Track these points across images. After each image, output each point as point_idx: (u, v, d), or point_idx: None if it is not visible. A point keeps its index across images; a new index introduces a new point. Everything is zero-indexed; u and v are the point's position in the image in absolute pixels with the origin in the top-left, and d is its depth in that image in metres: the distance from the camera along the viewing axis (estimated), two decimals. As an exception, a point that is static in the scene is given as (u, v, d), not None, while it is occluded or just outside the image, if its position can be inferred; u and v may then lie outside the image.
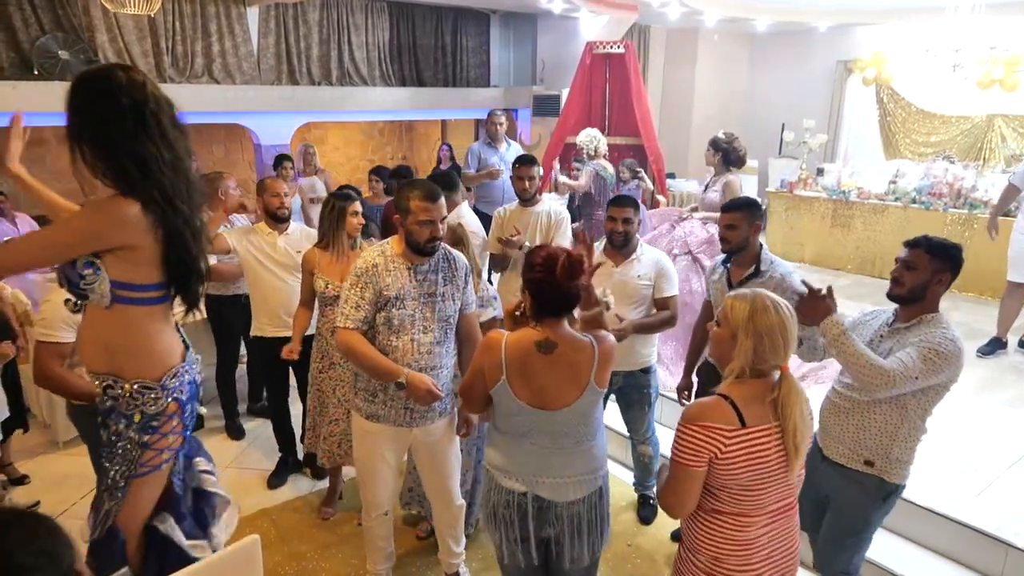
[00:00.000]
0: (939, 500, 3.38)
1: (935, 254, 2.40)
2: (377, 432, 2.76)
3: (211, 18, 8.16)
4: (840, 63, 9.93)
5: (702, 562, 1.99)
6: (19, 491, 3.92)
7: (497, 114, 6.59)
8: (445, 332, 2.72)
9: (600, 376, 2.17)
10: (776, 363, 1.91)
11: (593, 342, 2.17)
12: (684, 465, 1.90)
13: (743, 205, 3.15)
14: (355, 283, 2.61)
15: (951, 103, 8.97)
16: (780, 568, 2.03)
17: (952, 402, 2.24)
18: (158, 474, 2.02)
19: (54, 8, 7.22)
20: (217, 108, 7.92)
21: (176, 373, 1.99)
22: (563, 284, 2.09)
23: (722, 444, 1.85)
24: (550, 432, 2.18)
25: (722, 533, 1.96)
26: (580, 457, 2.22)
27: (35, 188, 2.14)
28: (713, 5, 7.97)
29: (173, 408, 1.99)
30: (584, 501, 2.22)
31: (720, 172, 5.09)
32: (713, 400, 1.92)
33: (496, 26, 10.77)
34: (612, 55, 7.71)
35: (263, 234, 3.81)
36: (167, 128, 1.87)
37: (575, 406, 2.15)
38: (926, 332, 2.36)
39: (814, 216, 8.34)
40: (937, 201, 7.43)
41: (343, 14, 9.22)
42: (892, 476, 2.46)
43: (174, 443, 2.03)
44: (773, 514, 1.97)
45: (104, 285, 1.86)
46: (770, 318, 1.88)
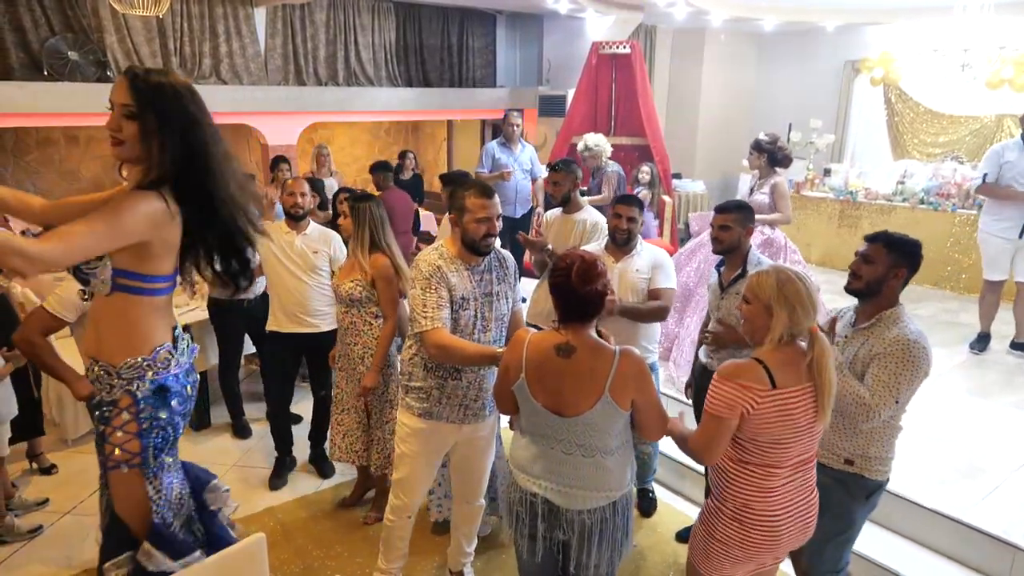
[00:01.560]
0: (946, 503, 3.37)
1: (893, 249, 2.46)
2: (430, 430, 2.75)
3: (219, 19, 8.20)
4: (847, 63, 9.88)
5: (730, 509, 2.17)
6: (28, 490, 3.95)
7: (513, 115, 6.59)
8: (500, 331, 2.78)
9: (617, 387, 2.10)
10: (807, 325, 2.06)
11: (616, 353, 2.13)
12: (717, 416, 2.06)
13: (736, 207, 3.20)
14: (427, 286, 2.58)
15: (960, 103, 8.92)
16: (801, 518, 2.21)
17: (958, 404, 2.24)
18: (120, 474, 1.93)
19: (63, 9, 7.26)
20: (224, 109, 7.95)
21: (134, 365, 1.91)
22: (578, 288, 2.09)
23: (754, 401, 2.02)
24: (564, 439, 2.19)
25: (749, 481, 2.14)
26: (592, 470, 2.19)
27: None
28: (720, 5, 7.94)
29: (125, 402, 1.92)
30: (594, 512, 2.22)
31: (767, 174, 5.06)
32: (749, 363, 2.08)
33: (502, 26, 10.77)
34: (618, 55, 7.70)
35: (281, 233, 3.84)
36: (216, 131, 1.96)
37: (588, 415, 2.12)
38: (889, 337, 2.39)
39: (821, 217, 8.31)
40: (945, 202, 7.39)
41: (350, 15, 9.24)
42: (873, 473, 2.50)
43: (126, 444, 1.92)
44: (795, 466, 2.15)
45: (106, 272, 1.86)
46: (795, 285, 2.05)
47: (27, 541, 3.52)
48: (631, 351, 2.16)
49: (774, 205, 4.99)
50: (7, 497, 3.64)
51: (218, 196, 1.92)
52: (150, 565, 1.94)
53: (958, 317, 6.33)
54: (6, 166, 8.76)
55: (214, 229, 1.98)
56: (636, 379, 2.12)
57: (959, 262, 7.19)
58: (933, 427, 3.97)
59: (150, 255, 1.90)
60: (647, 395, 2.15)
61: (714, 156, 10.70)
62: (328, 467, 4.14)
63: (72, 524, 3.65)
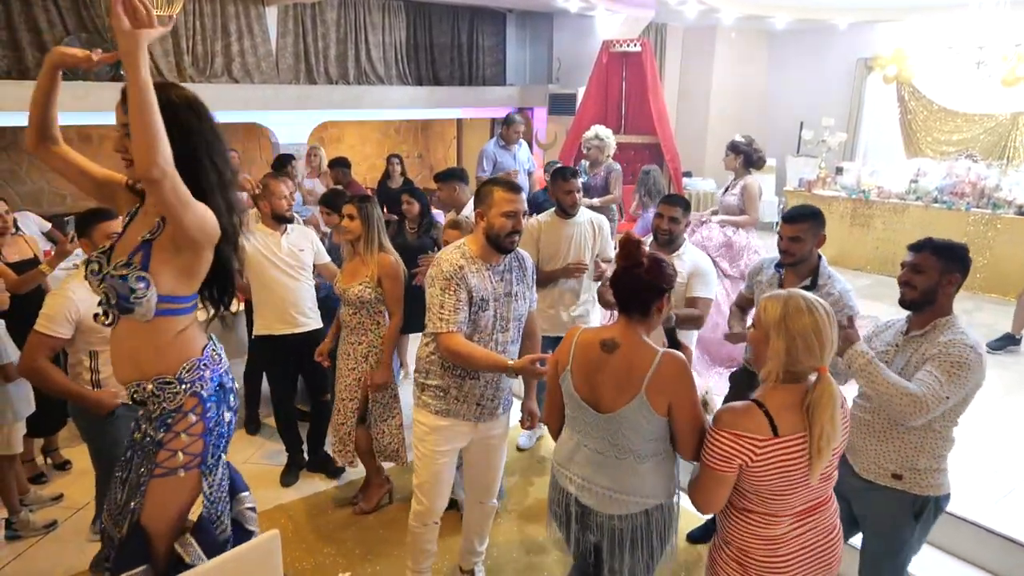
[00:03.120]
0: (962, 504, 3.32)
1: (943, 255, 2.35)
2: (446, 428, 2.75)
3: (231, 18, 8.24)
4: (860, 61, 9.82)
5: (732, 553, 2.04)
6: (44, 485, 3.98)
7: (517, 121, 6.55)
8: (518, 331, 2.78)
9: (654, 388, 2.03)
10: (811, 365, 1.88)
11: (659, 354, 2.06)
12: (714, 470, 1.92)
13: (809, 215, 2.95)
14: (447, 286, 2.56)
15: (974, 101, 8.85)
16: (815, 562, 2.03)
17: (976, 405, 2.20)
18: (175, 479, 1.94)
19: (78, 9, 7.32)
20: (236, 107, 7.99)
21: (193, 367, 1.94)
22: (626, 272, 2.09)
23: (753, 453, 1.86)
24: (599, 436, 2.16)
25: (750, 530, 2.00)
26: (624, 473, 2.14)
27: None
28: (731, 3, 7.91)
29: (191, 403, 1.93)
30: (626, 519, 2.16)
31: (740, 175, 5.08)
32: (746, 407, 1.91)
33: (512, 25, 10.76)
34: (628, 53, 7.69)
35: (266, 234, 3.79)
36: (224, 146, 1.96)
37: (622, 412, 2.07)
38: (943, 340, 2.29)
39: (832, 216, 8.26)
40: (959, 201, 7.33)
41: (360, 13, 9.26)
42: (923, 488, 2.38)
43: (191, 446, 1.94)
44: (802, 514, 1.99)
45: (152, 300, 1.84)
46: (803, 319, 1.85)
47: (42, 536, 3.55)
48: (676, 354, 2.08)
49: (743, 206, 5.01)
50: (22, 493, 3.68)
51: (214, 205, 1.90)
52: (186, 556, 1.96)
53: (974, 317, 6.28)
54: (21, 164, 8.84)
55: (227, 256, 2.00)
56: (674, 382, 2.04)
57: (973, 261, 7.08)
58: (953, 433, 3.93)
59: (195, 272, 1.92)
60: (684, 400, 2.04)
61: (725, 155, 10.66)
62: (335, 468, 4.14)
63: (86, 520, 3.67)
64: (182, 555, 1.96)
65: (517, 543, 3.54)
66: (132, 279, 1.81)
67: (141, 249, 1.85)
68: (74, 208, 8.75)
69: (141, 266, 1.84)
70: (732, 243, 5.01)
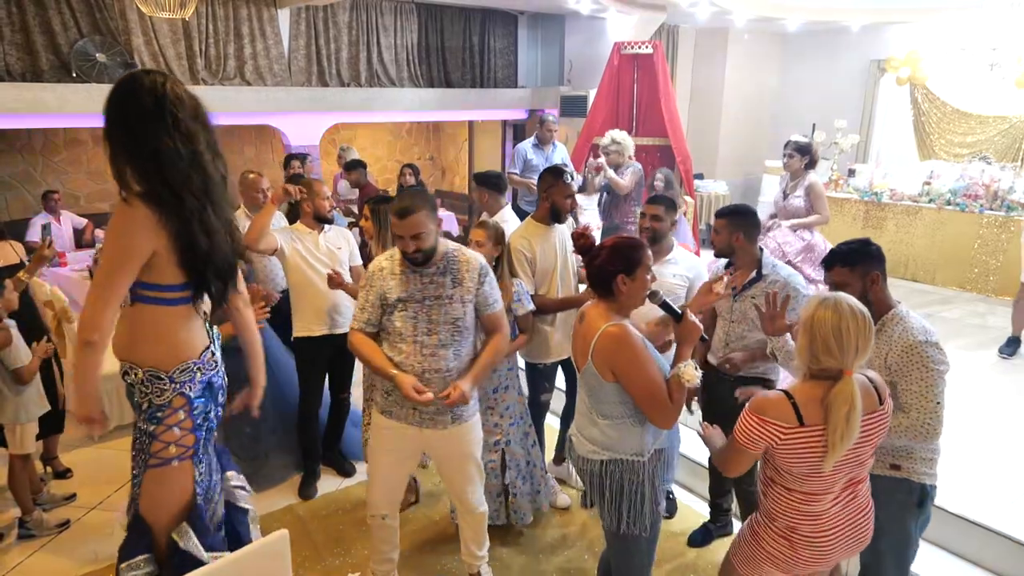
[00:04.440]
0: (972, 507, 3.32)
1: (853, 262, 2.43)
2: (388, 428, 2.82)
3: (243, 21, 8.29)
4: (873, 62, 9.76)
5: (778, 528, 2.18)
6: (57, 485, 4.01)
7: (551, 120, 6.53)
8: (453, 335, 2.71)
9: (597, 360, 2.31)
10: (832, 366, 1.97)
11: (601, 329, 2.31)
12: (741, 444, 2.10)
13: (729, 212, 3.15)
14: (364, 285, 2.75)
15: (988, 103, 8.77)
16: (852, 535, 2.18)
17: (985, 407, 2.20)
18: (169, 470, 2.00)
19: (92, 12, 7.39)
20: (248, 109, 8.04)
21: (187, 368, 2.00)
22: (588, 263, 2.45)
23: (777, 438, 2.02)
24: (580, 390, 2.51)
25: (794, 506, 2.13)
26: (589, 423, 2.45)
27: None
28: (743, 4, 7.88)
29: (179, 402, 2.00)
30: (586, 462, 2.45)
31: (800, 176, 4.98)
32: (777, 397, 2.06)
33: (524, 27, 10.77)
34: (640, 55, 7.66)
35: (304, 234, 3.79)
36: (186, 122, 1.91)
37: (582, 373, 2.43)
38: (896, 339, 2.35)
39: (845, 218, 8.22)
40: (973, 203, 7.27)
41: (372, 16, 9.30)
42: (921, 476, 2.44)
43: (182, 439, 2.01)
44: (841, 490, 2.13)
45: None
46: (826, 319, 1.96)
47: (55, 535, 3.58)
48: (615, 331, 2.29)
49: (811, 207, 4.91)
50: (35, 492, 3.71)
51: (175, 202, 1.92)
52: (183, 542, 2.00)
53: (987, 320, 6.22)
54: (36, 166, 8.93)
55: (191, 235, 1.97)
56: (611, 355, 2.29)
57: (987, 264, 7.07)
58: (959, 431, 3.90)
59: (158, 264, 1.95)
60: (626, 376, 2.29)
61: (736, 157, 10.62)
62: (348, 466, 4.16)
63: (99, 519, 3.71)
64: (177, 540, 2.01)
65: (529, 540, 3.54)
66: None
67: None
68: (87, 210, 8.83)
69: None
70: (812, 246, 4.90)
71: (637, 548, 2.50)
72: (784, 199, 5.03)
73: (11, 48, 7.03)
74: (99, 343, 1.88)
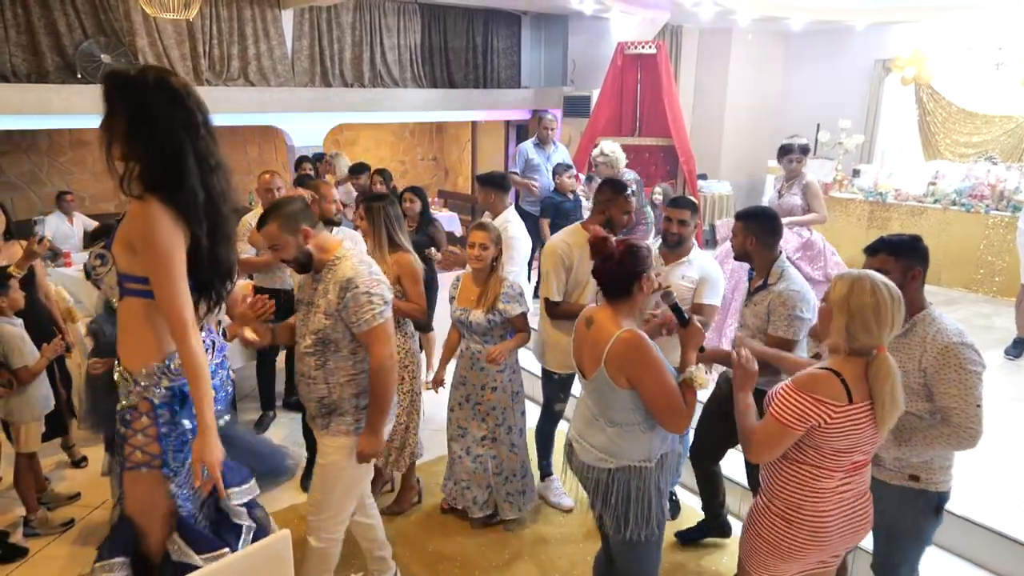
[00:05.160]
0: (979, 510, 3.31)
1: (900, 253, 2.38)
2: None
3: (247, 21, 8.30)
4: (878, 62, 9.73)
5: (778, 507, 2.16)
6: (61, 484, 4.02)
7: (549, 118, 6.55)
8: (316, 345, 2.58)
9: (611, 365, 2.26)
10: (869, 343, 2.00)
11: (616, 335, 2.28)
12: (785, 425, 2.04)
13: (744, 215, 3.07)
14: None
15: (994, 102, 8.73)
16: (852, 521, 2.16)
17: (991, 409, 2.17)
18: (139, 474, 1.95)
19: (96, 14, 7.41)
20: (251, 110, 8.05)
21: (152, 372, 1.93)
22: (602, 266, 2.38)
23: (828, 417, 1.99)
24: (587, 397, 2.46)
25: (803, 481, 2.11)
26: (595, 431, 2.42)
27: None
28: (747, 4, 7.87)
29: (144, 407, 1.94)
30: (592, 470, 2.42)
31: (797, 174, 4.97)
32: (827, 375, 2.02)
33: (527, 27, 10.77)
34: (644, 55, 7.66)
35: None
36: (203, 129, 1.92)
37: (591, 380, 2.38)
38: (930, 341, 2.30)
39: (849, 218, 8.19)
40: (979, 203, 7.24)
41: (376, 16, 9.30)
42: (939, 485, 2.40)
43: (147, 446, 1.94)
44: (851, 470, 2.11)
45: (112, 277, 1.90)
46: (864, 298, 1.97)
47: (59, 535, 3.59)
48: (631, 336, 2.27)
49: (808, 206, 4.90)
50: (39, 491, 3.72)
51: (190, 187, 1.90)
52: (175, 554, 1.97)
53: (992, 321, 6.20)
54: (42, 167, 8.96)
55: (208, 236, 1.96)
56: (627, 360, 2.25)
57: (992, 264, 7.04)
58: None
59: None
60: (641, 377, 2.25)
61: (740, 157, 10.60)
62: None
63: (103, 518, 3.71)
64: (169, 551, 1.98)
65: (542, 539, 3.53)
66: (92, 256, 1.92)
67: (113, 230, 1.96)
68: (92, 210, 8.86)
69: (105, 245, 1.91)
70: (811, 243, 4.91)
71: (645, 553, 2.48)
72: (779, 198, 5.04)
73: (16, 49, 7.05)
74: (196, 336, 1.84)
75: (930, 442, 2.28)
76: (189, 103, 1.90)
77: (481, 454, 3.53)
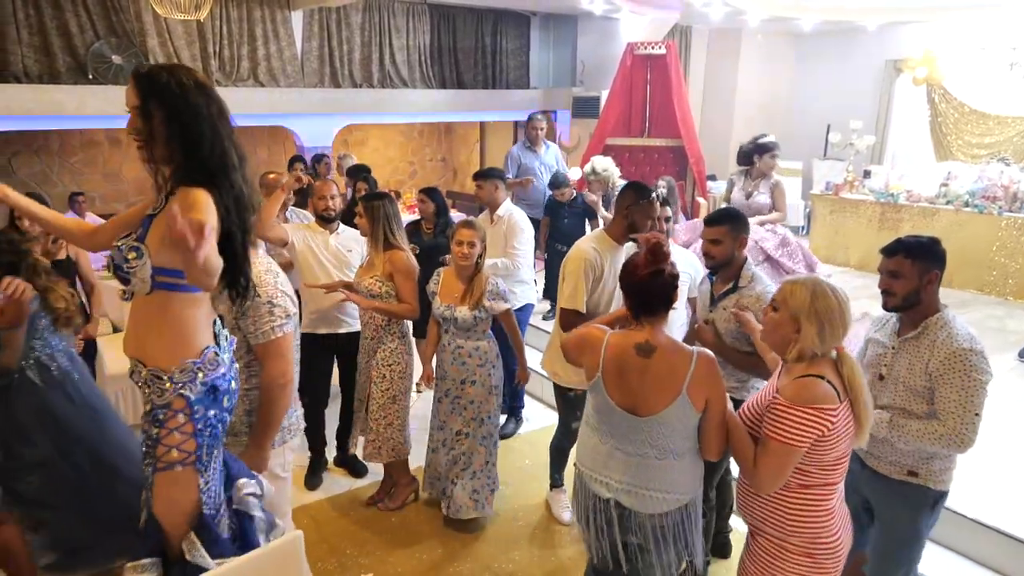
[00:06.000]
0: (987, 511, 3.29)
1: (916, 255, 2.35)
2: None
3: (257, 22, 8.33)
4: (889, 62, 9.67)
5: (796, 543, 2.05)
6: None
7: (538, 118, 6.55)
8: (240, 349, 2.37)
9: (695, 390, 2.11)
10: (835, 344, 2.00)
11: (694, 354, 2.14)
12: (792, 445, 1.96)
13: (728, 218, 2.94)
14: None
15: (1007, 103, 8.67)
16: (848, 524, 2.16)
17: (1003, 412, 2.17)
18: (173, 473, 1.94)
19: (108, 15, 7.45)
20: (261, 111, 8.08)
21: (186, 368, 1.92)
22: (656, 274, 2.14)
23: (831, 422, 1.94)
24: (637, 440, 2.19)
25: (813, 506, 2.04)
26: (663, 472, 2.19)
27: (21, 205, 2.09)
28: (757, 4, 7.83)
29: (179, 404, 1.92)
30: (668, 516, 2.22)
31: (766, 175, 5.10)
32: (816, 382, 1.98)
33: (536, 28, 10.76)
34: (653, 56, 7.64)
35: (316, 233, 3.91)
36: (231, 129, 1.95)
37: (663, 415, 2.14)
38: (941, 345, 2.29)
39: (860, 219, 8.14)
40: (991, 205, 7.18)
41: (385, 17, 9.32)
42: (937, 483, 2.41)
43: (183, 443, 1.94)
44: (840, 477, 2.09)
45: (146, 270, 1.87)
46: (829, 302, 1.97)
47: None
48: (708, 353, 2.17)
49: (774, 204, 5.08)
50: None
51: (220, 185, 1.89)
52: (189, 555, 1.95)
53: (1005, 324, 6.14)
54: (52, 167, 9.01)
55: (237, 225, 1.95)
56: (712, 379, 2.13)
57: (1005, 267, 6.98)
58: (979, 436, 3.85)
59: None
60: (719, 395, 2.13)
61: (750, 158, 10.56)
62: (360, 466, 4.15)
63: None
64: (184, 552, 1.96)
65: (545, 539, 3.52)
66: (126, 249, 1.86)
67: (144, 223, 1.91)
68: (103, 210, 8.90)
69: (138, 238, 1.87)
70: (786, 239, 5.04)
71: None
72: (748, 198, 5.15)
73: (28, 50, 7.09)
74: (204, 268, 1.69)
75: (922, 435, 2.29)
76: (216, 95, 1.91)
77: (454, 449, 3.57)
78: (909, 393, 2.36)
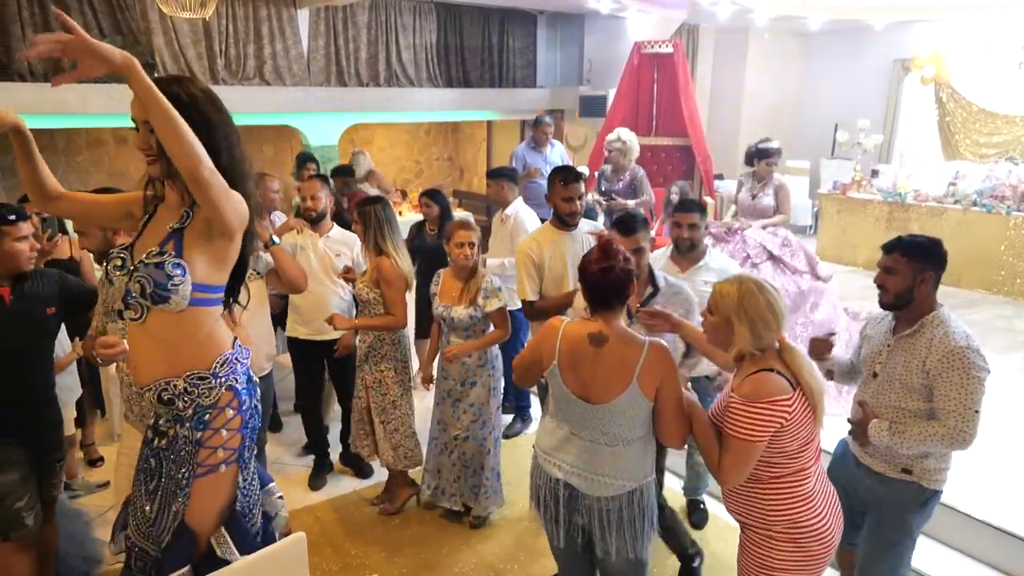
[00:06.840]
0: (985, 508, 3.29)
1: (912, 255, 2.36)
2: None
3: (263, 21, 8.33)
4: (896, 62, 9.62)
5: (780, 531, 2.10)
6: (94, 473, 4.10)
7: (547, 122, 6.57)
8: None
9: (645, 379, 2.15)
10: (772, 338, 2.04)
11: (646, 343, 2.18)
12: (751, 441, 2.00)
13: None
14: None
15: (1015, 102, 8.62)
16: (838, 511, 2.19)
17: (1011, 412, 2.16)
18: (217, 476, 1.94)
19: (113, 13, 7.45)
20: (267, 110, 8.07)
21: (226, 360, 1.94)
22: (608, 271, 2.18)
23: (788, 413, 1.98)
24: (589, 427, 2.25)
25: (788, 494, 2.09)
26: (612, 458, 2.25)
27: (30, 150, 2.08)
28: (765, 3, 7.80)
29: (227, 398, 1.93)
30: (613, 500, 2.26)
31: (768, 176, 5.14)
32: (766, 376, 2.01)
33: (543, 26, 10.74)
34: (660, 55, 7.62)
35: (307, 235, 3.89)
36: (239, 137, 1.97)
37: (614, 403, 2.19)
38: (937, 343, 2.30)
39: (868, 219, 8.11)
40: (1000, 204, 7.14)
41: (391, 15, 9.31)
42: (931, 482, 2.41)
43: (230, 441, 1.94)
44: (814, 461, 2.13)
45: (187, 287, 1.84)
46: (756, 300, 2.02)
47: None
48: (660, 343, 2.20)
49: (778, 207, 5.13)
50: (70, 477, 3.79)
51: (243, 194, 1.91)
52: (218, 549, 1.94)
53: (1013, 323, 6.10)
54: (57, 167, 9.02)
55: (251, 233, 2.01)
56: (663, 368, 2.17)
57: (1014, 266, 6.94)
58: (984, 435, 3.82)
59: (227, 259, 1.93)
60: (671, 384, 2.17)
61: (757, 157, 10.52)
62: (366, 467, 4.15)
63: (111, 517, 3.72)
64: (215, 548, 1.95)
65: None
66: (168, 266, 1.81)
67: (172, 238, 1.86)
68: (110, 208, 8.91)
69: (175, 253, 1.84)
70: (788, 239, 5.09)
71: (645, 567, 2.41)
72: (752, 199, 5.21)
73: (35, 49, 7.10)
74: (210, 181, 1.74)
75: (924, 438, 2.29)
76: (222, 104, 1.92)
77: (456, 450, 3.56)
78: (905, 390, 2.37)
